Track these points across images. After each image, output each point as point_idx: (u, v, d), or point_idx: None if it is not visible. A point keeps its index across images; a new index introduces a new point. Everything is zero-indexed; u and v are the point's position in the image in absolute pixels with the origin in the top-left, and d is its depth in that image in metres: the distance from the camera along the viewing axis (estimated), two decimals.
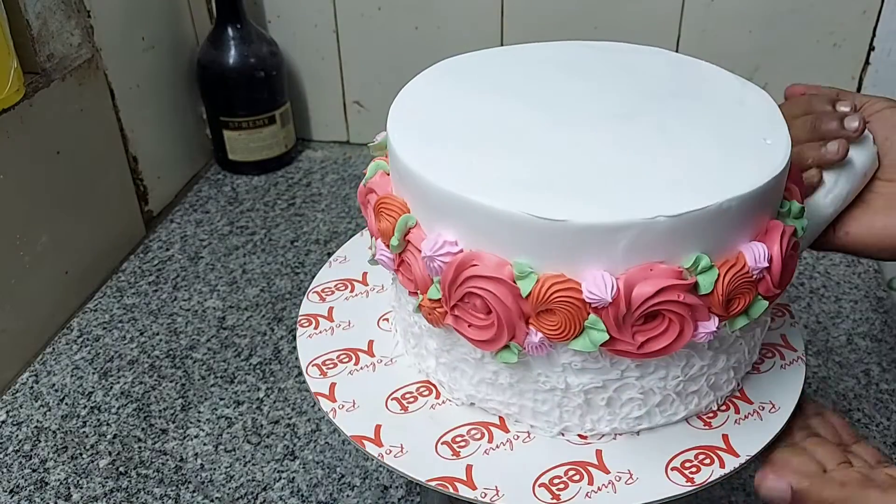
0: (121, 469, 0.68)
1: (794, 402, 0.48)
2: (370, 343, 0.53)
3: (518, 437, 0.46)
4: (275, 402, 0.73)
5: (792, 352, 0.52)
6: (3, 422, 0.72)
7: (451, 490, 0.43)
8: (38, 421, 0.72)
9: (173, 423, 0.72)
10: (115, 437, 0.70)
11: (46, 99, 0.78)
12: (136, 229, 0.95)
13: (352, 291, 0.57)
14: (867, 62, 0.93)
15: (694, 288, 0.40)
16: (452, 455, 0.45)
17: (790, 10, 0.91)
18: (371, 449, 0.46)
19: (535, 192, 0.40)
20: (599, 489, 0.43)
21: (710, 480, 0.43)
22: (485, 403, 0.47)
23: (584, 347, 0.40)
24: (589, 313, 0.39)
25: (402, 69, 1.04)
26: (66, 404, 0.74)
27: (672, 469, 0.44)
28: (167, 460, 0.68)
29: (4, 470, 0.68)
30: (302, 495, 0.65)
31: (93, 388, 0.75)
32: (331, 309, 0.55)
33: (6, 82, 0.73)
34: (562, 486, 0.43)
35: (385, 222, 0.44)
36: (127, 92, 0.91)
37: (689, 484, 0.43)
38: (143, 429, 0.71)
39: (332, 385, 0.50)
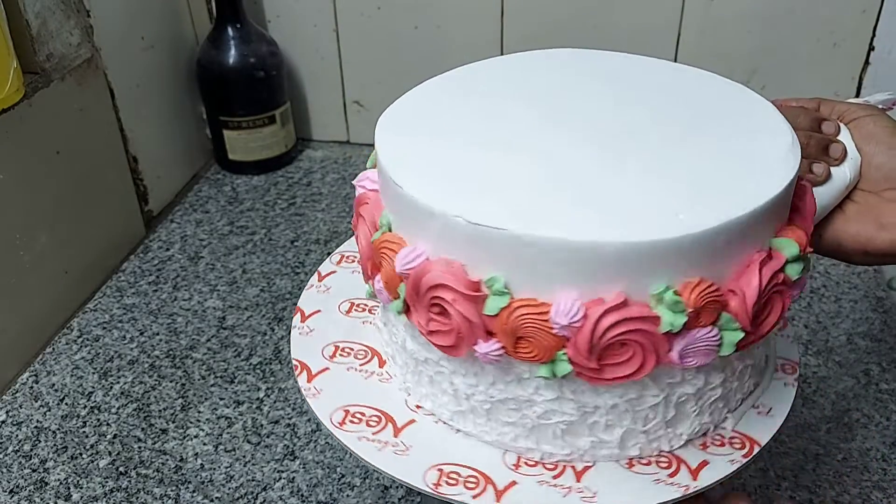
0: (121, 469, 0.68)
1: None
2: None
3: (381, 375, 0.49)
4: (275, 402, 0.73)
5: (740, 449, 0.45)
6: (3, 422, 0.72)
7: (297, 370, 0.48)
8: (37, 421, 0.72)
9: (173, 423, 0.72)
10: (115, 437, 0.70)
11: (46, 99, 0.78)
12: (136, 229, 0.95)
13: None
14: (867, 62, 0.93)
15: (483, 304, 0.39)
16: (330, 357, 0.50)
17: (789, 11, 0.91)
18: (295, 320, 0.52)
19: (453, 184, 0.41)
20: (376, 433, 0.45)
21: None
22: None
23: (394, 308, 0.43)
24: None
25: (402, 69, 1.05)
26: (66, 404, 0.74)
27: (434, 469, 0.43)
28: (167, 460, 0.68)
29: (4, 470, 0.68)
30: (302, 495, 0.65)
31: (93, 388, 0.75)
32: None
33: (6, 82, 0.73)
34: (356, 421, 0.46)
35: None
36: (127, 92, 0.91)
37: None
38: (143, 429, 0.71)
39: (328, 287, 0.55)
